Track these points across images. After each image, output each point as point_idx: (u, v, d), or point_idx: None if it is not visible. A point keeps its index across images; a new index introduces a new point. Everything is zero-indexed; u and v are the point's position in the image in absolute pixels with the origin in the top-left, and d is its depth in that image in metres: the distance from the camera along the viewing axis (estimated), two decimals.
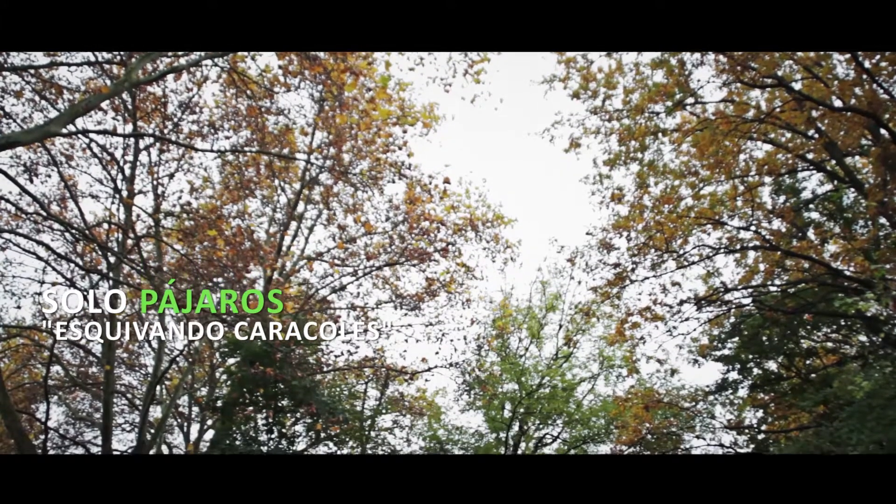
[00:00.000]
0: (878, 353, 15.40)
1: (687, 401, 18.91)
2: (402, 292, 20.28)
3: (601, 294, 18.20)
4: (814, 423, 15.50)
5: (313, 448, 21.25)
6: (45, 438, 17.41)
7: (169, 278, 16.31)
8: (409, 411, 25.74)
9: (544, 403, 27.08)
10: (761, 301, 16.79)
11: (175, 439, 26.04)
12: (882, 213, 14.42)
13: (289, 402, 18.42)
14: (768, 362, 18.82)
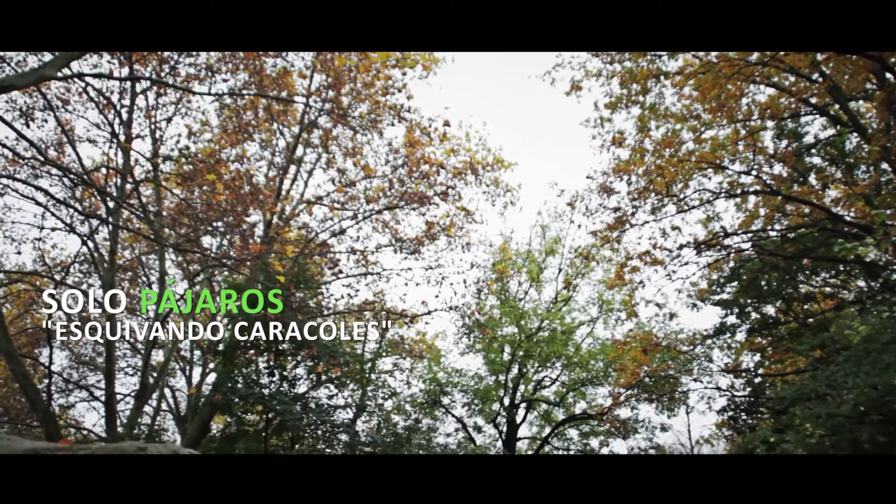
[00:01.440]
0: (875, 299, 15.45)
1: (685, 344, 19.01)
2: (402, 236, 20.26)
3: (601, 238, 18.18)
4: (810, 367, 15.60)
5: (314, 391, 21.48)
6: (48, 382, 17.56)
7: (168, 223, 16.27)
8: (409, 354, 25.97)
9: (543, 346, 27.29)
10: (761, 246, 16.78)
11: (177, 382, 26.33)
12: (884, 159, 14.31)
13: (289, 345, 18.55)
14: (766, 307, 18.90)
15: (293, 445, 20.28)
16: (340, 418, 22.03)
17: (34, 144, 12.94)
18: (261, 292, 16.91)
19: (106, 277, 17.35)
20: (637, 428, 26.55)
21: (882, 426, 12.07)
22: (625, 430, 26.31)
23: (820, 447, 12.45)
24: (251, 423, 20.76)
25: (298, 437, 20.56)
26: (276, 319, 16.73)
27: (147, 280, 22.27)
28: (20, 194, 14.91)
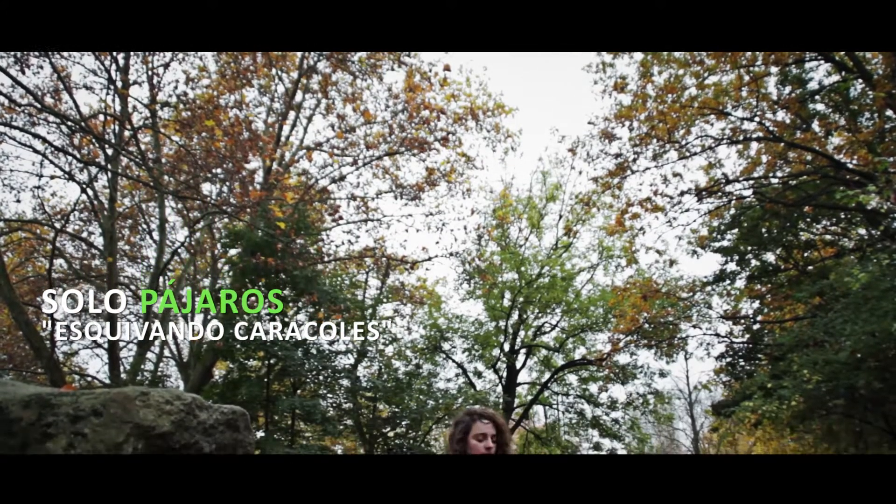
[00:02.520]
0: (875, 246, 15.44)
1: (685, 291, 19.05)
2: (402, 182, 20.19)
3: (602, 184, 18.12)
4: (809, 314, 15.66)
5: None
6: (51, 330, 17.66)
7: (167, 170, 16.20)
8: (410, 300, 26.06)
9: (543, 293, 27.41)
10: (762, 193, 16.73)
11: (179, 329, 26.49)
12: (889, 105, 14.18)
13: (290, 291, 18.62)
14: (766, 254, 18.91)
15: (295, 391, 20.47)
16: (342, 364, 22.24)
17: (30, 91, 12.82)
18: (261, 239, 16.94)
19: (106, 225, 17.33)
20: (636, 373, 26.80)
21: (878, 372, 12.16)
22: (623, 376, 26.55)
23: (817, 393, 12.56)
24: (253, 369, 20.94)
25: (300, 382, 20.75)
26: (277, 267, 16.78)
27: (147, 227, 22.26)
28: (17, 142, 14.81)
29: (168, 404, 3.36)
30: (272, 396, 19.09)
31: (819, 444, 21.03)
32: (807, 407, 14.39)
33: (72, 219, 19.92)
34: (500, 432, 3.86)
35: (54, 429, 3.12)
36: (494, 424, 3.86)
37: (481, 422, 3.88)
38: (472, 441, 3.87)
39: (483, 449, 3.82)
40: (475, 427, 3.89)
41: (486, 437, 3.83)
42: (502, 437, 3.86)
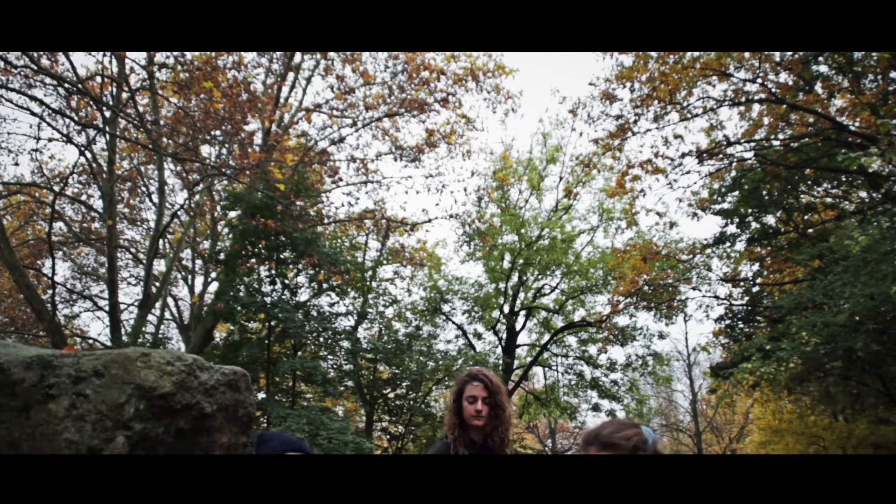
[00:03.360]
0: (876, 209, 15.41)
1: (684, 253, 19.04)
2: (402, 144, 20.09)
3: (602, 146, 18.03)
4: (808, 277, 15.68)
5: (316, 298, 21.68)
6: (52, 293, 17.69)
7: (166, 132, 16.11)
8: (410, 262, 26.08)
9: (543, 254, 27.43)
10: (763, 155, 16.65)
11: (180, 292, 26.57)
12: (893, 67, 14.05)
13: (290, 253, 18.63)
14: (767, 216, 18.88)
15: (295, 353, 20.57)
16: (342, 326, 22.32)
17: (26, 52, 12.68)
18: (260, 201, 16.91)
19: (105, 188, 17.28)
20: (635, 335, 26.93)
21: (876, 335, 12.22)
22: (623, 338, 26.68)
23: (815, 355, 12.62)
24: (254, 331, 21.02)
25: (301, 344, 20.84)
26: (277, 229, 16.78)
27: (146, 190, 22.21)
28: (14, 104, 14.68)
29: (169, 365, 3.37)
30: (273, 358, 19.19)
31: (816, 406, 21.18)
32: (805, 369, 14.47)
33: (70, 182, 19.87)
34: (491, 394, 3.86)
35: (56, 390, 3.14)
36: (485, 386, 3.86)
37: (472, 384, 3.89)
38: (465, 403, 3.88)
39: (473, 411, 3.83)
40: (467, 389, 3.90)
41: (477, 399, 3.84)
42: (494, 398, 3.86)
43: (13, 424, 3.11)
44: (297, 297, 20.34)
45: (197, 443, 3.57)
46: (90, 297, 24.43)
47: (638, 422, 2.70)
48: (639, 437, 2.48)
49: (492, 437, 3.89)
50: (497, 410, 3.87)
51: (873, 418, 17.73)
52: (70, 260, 24.41)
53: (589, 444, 2.50)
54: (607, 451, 2.44)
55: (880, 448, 16.38)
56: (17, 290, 18.66)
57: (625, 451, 2.43)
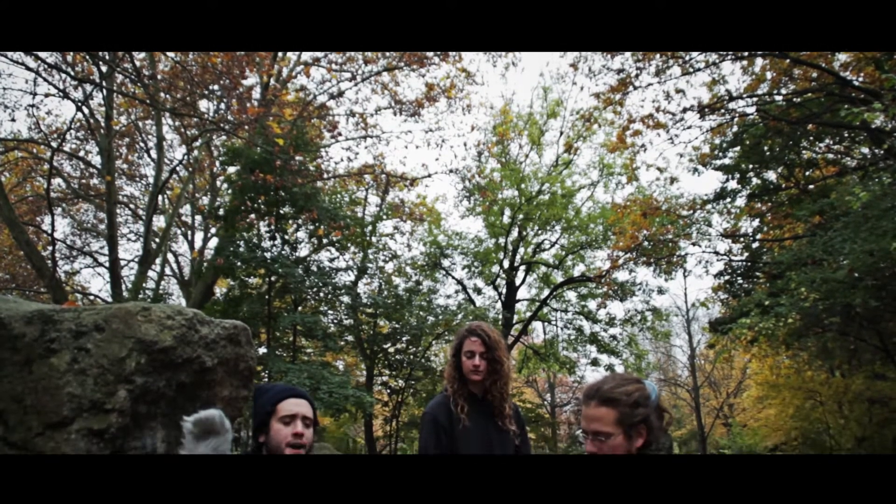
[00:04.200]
0: (878, 165, 15.33)
1: (685, 209, 18.98)
2: (402, 98, 19.94)
3: (603, 100, 17.88)
4: (808, 233, 15.66)
5: (316, 253, 21.69)
6: (52, 250, 17.68)
7: (164, 87, 15.97)
8: (410, 217, 26.05)
9: (543, 210, 27.38)
10: (765, 110, 16.50)
11: (180, 248, 26.58)
12: None
13: (290, 208, 18.59)
14: (768, 172, 18.79)
15: (296, 308, 20.64)
16: (342, 281, 22.38)
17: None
18: (259, 156, 16.82)
19: (103, 144, 17.18)
20: (634, 290, 27.00)
21: (875, 291, 12.23)
22: (622, 293, 26.75)
23: (813, 311, 12.66)
24: (254, 286, 21.07)
25: (301, 299, 20.91)
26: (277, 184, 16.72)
27: (145, 146, 22.10)
28: (9, 59, 14.52)
29: (170, 319, 3.38)
30: (273, 313, 19.26)
31: (814, 362, 21.32)
32: (803, 324, 14.54)
33: (68, 138, 19.73)
34: (489, 349, 3.87)
35: (57, 344, 3.16)
36: (483, 341, 3.87)
37: (471, 339, 3.90)
38: (463, 357, 3.90)
39: (471, 366, 3.85)
40: (465, 344, 3.91)
41: (475, 354, 3.85)
42: (492, 353, 3.87)
43: (15, 379, 3.13)
44: (297, 252, 20.35)
45: (198, 396, 3.61)
46: (90, 253, 24.45)
47: (639, 377, 2.71)
48: (640, 392, 2.49)
49: (490, 391, 3.92)
50: (495, 365, 3.89)
51: (870, 374, 17.86)
52: (69, 216, 24.38)
53: (589, 398, 2.50)
54: (607, 407, 2.44)
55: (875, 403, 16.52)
56: (16, 247, 18.65)
57: (625, 407, 2.43)
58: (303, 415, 2.79)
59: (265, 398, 2.83)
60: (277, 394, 2.82)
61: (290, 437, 2.72)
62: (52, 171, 18.36)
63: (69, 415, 3.06)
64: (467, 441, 3.77)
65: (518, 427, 4.06)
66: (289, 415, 2.76)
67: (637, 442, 2.46)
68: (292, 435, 2.73)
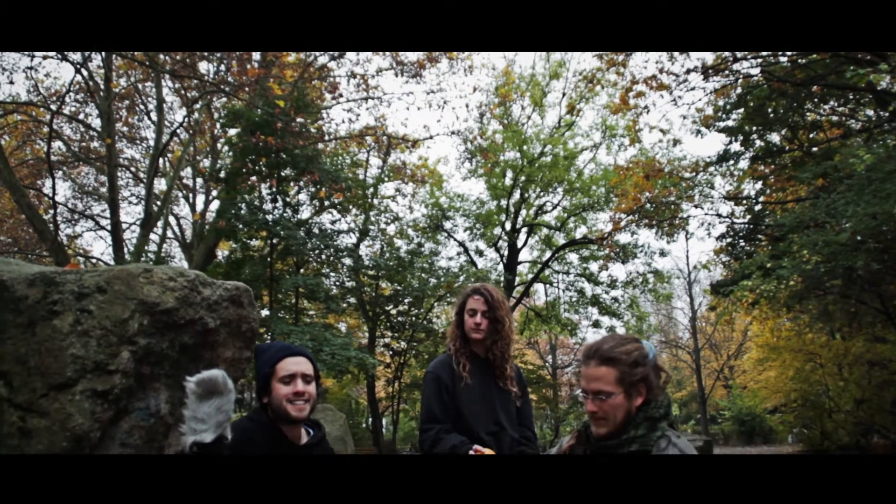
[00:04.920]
0: (883, 128, 15.22)
1: (687, 171, 18.89)
2: (403, 59, 19.75)
3: (606, 61, 17.71)
4: (811, 196, 15.61)
5: (317, 216, 21.68)
6: (53, 213, 17.66)
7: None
8: (412, 179, 25.98)
9: (545, 171, 27.29)
10: (770, 72, 16.34)
11: (181, 210, 26.56)
12: None
13: (291, 171, 18.54)
14: (771, 134, 18.66)
15: (298, 270, 20.70)
16: (344, 243, 22.39)
17: None
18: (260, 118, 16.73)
19: (103, 106, 17.10)
20: (636, 253, 26.99)
21: (877, 254, 12.23)
22: (624, 255, 26.76)
23: (815, 273, 12.65)
24: (256, 249, 21.10)
25: (303, 261, 20.94)
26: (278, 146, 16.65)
27: (145, 108, 21.99)
28: None
29: (171, 281, 3.39)
30: (275, 276, 19.31)
31: (814, 324, 21.38)
32: (804, 287, 14.52)
33: (67, 100, 19.60)
34: (491, 308, 3.88)
35: (60, 306, 3.16)
36: (486, 300, 3.89)
37: (474, 297, 3.92)
38: (466, 316, 3.92)
39: (473, 324, 3.87)
40: (468, 303, 3.93)
41: (477, 312, 3.87)
42: (494, 312, 3.89)
43: (19, 340, 3.14)
44: (299, 214, 20.34)
45: (201, 357, 3.62)
46: (92, 216, 24.42)
47: (638, 337, 2.72)
48: (639, 351, 2.50)
49: (492, 350, 3.94)
50: (497, 325, 3.90)
51: (870, 336, 17.91)
52: (70, 179, 24.31)
53: (589, 358, 2.51)
54: (607, 366, 2.45)
55: (875, 366, 16.59)
56: (18, 211, 18.63)
57: (625, 367, 2.44)
58: (302, 372, 2.81)
59: (263, 359, 2.85)
60: (275, 354, 2.84)
61: (291, 395, 2.74)
62: (52, 134, 18.27)
63: (73, 376, 3.07)
64: (469, 399, 3.80)
65: (519, 388, 4.09)
66: (288, 374, 2.77)
67: (637, 400, 2.48)
68: (293, 393, 2.75)
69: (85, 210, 24.69)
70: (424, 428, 3.79)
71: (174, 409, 3.44)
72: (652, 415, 2.47)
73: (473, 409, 3.79)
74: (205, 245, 19.12)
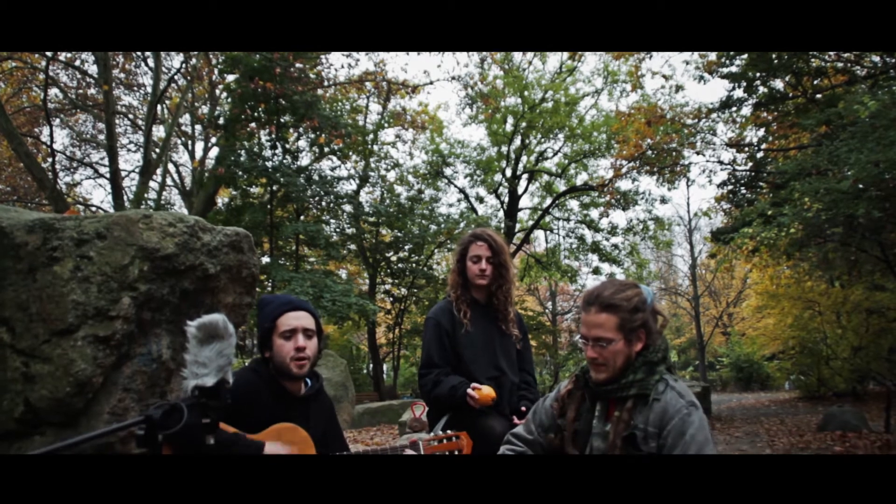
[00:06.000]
0: (888, 74, 15.04)
1: (690, 117, 18.71)
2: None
3: None
4: (814, 143, 15.50)
5: (317, 162, 21.58)
6: (52, 161, 17.58)
7: None
8: (412, 125, 25.82)
9: (546, 118, 27.10)
10: None
11: (180, 158, 26.42)
12: None
13: (291, 117, 18.42)
14: (775, 80, 18.42)
15: (298, 217, 20.68)
16: (344, 190, 22.35)
17: None
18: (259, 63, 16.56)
19: (99, 52, 16.89)
20: (637, 200, 26.96)
21: (879, 202, 12.18)
22: (625, 202, 26.71)
23: (816, 221, 12.61)
24: (256, 196, 21.06)
25: (303, 208, 20.92)
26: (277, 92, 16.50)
27: (142, 54, 21.73)
28: None
29: (171, 227, 3.38)
30: (276, 222, 19.30)
31: (814, 272, 21.40)
32: (805, 235, 14.48)
33: None
34: (495, 253, 3.89)
35: (60, 252, 3.16)
36: (489, 246, 3.89)
37: (476, 243, 3.91)
38: (468, 263, 3.92)
39: (477, 270, 3.87)
40: (471, 249, 3.93)
41: (481, 258, 3.87)
42: (498, 258, 3.89)
43: (20, 287, 3.14)
44: (299, 161, 20.27)
45: (202, 303, 3.63)
46: (90, 164, 24.33)
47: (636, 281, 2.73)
48: (639, 297, 2.51)
49: (496, 295, 3.95)
50: (501, 270, 3.92)
51: (869, 284, 17.95)
52: (68, 127, 24.16)
53: (589, 304, 2.52)
54: (607, 313, 2.46)
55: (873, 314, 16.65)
56: (17, 159, 18.56)
57: (625, 313, 2.45)
58: (303, 327, 2.82)
59: (265, 313, 2.86)
60: (276, 308, 2.85)
61: (292, 351, 2.76)
62: (49, 81, 18.11)
63: (74, 322, 3.08)
64: (469, 345, 3.83)
65: (520, 332, 4.11)
66: (289, 329, 2.79)
67: (636, 346, 2.50)
68: (294, 349, 2.77)
69: (83, 158, 24.59)
70: (424, 372, 3.82)
71: (176, 355, 3.46)
72: (650, 359, 2.49)
73: (473, 354, 3.82)
74: (204, 192, 19.08)
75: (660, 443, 2.35)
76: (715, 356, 39.21)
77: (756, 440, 11.17)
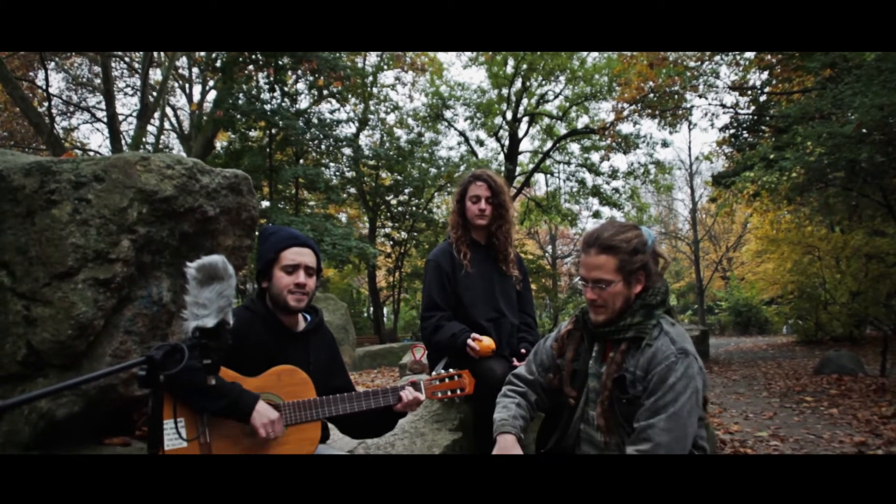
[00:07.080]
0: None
1: (692, 60, 18.49)
2: None
3: None
4: (818, 86, 15.33)
5: (316, 105, 21.40)
6: (48, 105, 17.39)
7: None
8: (411, 68, 25.56)
9: (547, 60, 26.80)
10: None
11: (178, 101, 26.18)
12: None
13: (289, 59, 18.21)
14: None
15: (297, 160, 20.58)
16: (343, 133, 22.21)
17: None
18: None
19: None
20: (638, 143, 26.81)
21: (882, 146, 12.10)
22: (626, 145, 26.56)
23: (818, 165, 12.56)
24: (255, 139, 20.93)
25: (302, 151, 20.81)
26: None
27: None
28: None
29: (169, 169, 3.36)
30: (275, 166, 19.22)
31: (814, 217, 21.37)
32: (806, 179, 14.43)
33: None
34: (495, 193, 3.87)
35: (58, 195, 3.14)
36: (489, 186, 3.87)
37: (476, 184, 3.89)
38: (468, 203, 3.90)
39: (477, 210, 3.86)
40: (471, 189, 3.90)
41: (480, 199, 3.85)
42: (498, 198, 3.88)
43: (19, 230, 3.13)
44: (298, 104, 20.09)
45: (201, 246, 3.63)
46: (87, 108, 24.10)
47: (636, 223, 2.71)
48: (639, 239, 2.50)
49: (496, 235, 3.94)
50: (500, 210, 3.90)
51: (869, 230, 17.91)
52: (63, 71, 23.84)
53: (589, 246, 2.51)
54: (607, 254, 2.45)
55: (872, 259, 16.65)
56: (13, 104, 18.39)
57: (625, 255, 2.45)
58: (306, 264, 2.80)
59: (269, 243, 2.83)
60: (281, 240, 2.82)
61: (292, 286, 2.75)
62: None
63: (74, 265, 3.08)
64: (469, 287, 3.83)
65: (520, 273, 4.12)
66: (292, 264, 2.77)
67: (636, 288, 2.50)
68: (294, 284, 2.75)
69: (80, 102, 24.35)
70: (425, 315, 3.83)
71: (176, 298, 3.46)
72: (649, 302, 2.49)
73: (473, 296, 3.82)
74: (203, 136, 18.96)
75: (644, 387, 2.37)
76: (714, 300, 39.43)
77: (753, 383, 11.29)
